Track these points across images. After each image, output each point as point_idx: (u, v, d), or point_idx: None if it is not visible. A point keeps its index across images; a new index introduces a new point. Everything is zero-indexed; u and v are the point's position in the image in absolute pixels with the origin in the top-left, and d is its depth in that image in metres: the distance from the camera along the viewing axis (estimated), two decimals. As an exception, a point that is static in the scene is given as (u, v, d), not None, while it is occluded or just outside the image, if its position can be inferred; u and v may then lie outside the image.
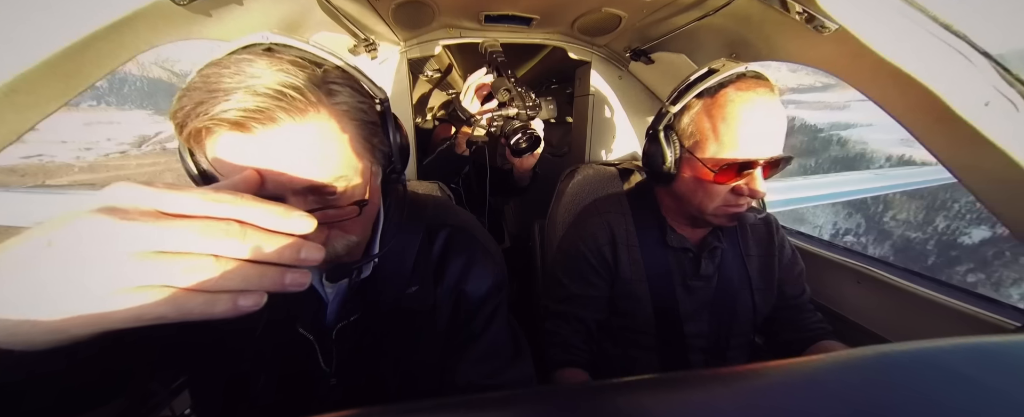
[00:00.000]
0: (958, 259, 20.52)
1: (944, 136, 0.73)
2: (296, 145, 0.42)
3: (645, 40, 1.25)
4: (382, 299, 0.60)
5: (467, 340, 0.63)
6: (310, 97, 0.42)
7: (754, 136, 0.74)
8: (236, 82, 0.40)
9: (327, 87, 0.45)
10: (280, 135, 0.41)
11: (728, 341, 0.93)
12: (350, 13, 1.06)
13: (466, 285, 0.64)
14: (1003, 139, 0.65)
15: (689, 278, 0.91)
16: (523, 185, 1.36)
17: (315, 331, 0.58)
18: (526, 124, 1.03)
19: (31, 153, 29.30)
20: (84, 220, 0.27)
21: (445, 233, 0.66)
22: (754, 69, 0.77)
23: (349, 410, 0.26)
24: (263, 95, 0.39)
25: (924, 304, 0.90)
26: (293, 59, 0.44)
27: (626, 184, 1.11)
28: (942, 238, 22.42)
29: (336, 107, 0.46)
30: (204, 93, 0.40)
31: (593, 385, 0.29)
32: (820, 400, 0.27)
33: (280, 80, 0.41)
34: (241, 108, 0.39)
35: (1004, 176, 0.68)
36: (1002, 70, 0.65)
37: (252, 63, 0.41)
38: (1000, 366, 0.30)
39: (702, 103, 0.77)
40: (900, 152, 42.99)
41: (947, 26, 0.66)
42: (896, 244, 22.94)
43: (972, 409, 0.26)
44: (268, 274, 0.30)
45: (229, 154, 0.42)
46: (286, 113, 0.41)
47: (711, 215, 0.82)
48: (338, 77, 0.47)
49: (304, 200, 0.46)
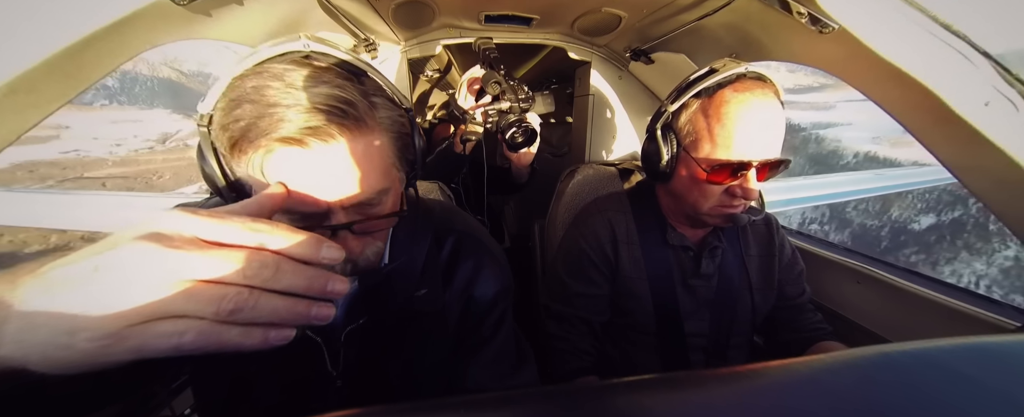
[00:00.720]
0: (905, 243, 24.82)
1: (944, 136, 0.73)
2: (349, 160, 0.44)
3: (645, 40, 1.25)
4: (392, 302, 0.60)
5: (477, 344, 0.64)
6: (360, 111, 0.43)
7: (749, 137, 0.74)
8: (291, 98, 0.40)
9: (370, 100, 0.46)
10: (335, 151, 0.42)
11: (728, 340, 0.93)
12: (350, 13, 1.06)
13: (475, 289, 0.65)
14: (1003, 139, 0.65)
15: (689, 277, 0.91)
16: (521, 182, 1.35)
17: (323, 334, 0.58)
18: (521, 118, 1.02)
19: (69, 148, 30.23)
20: (128, 247, 0.27)
21: (453, 238, 0.67)
22: (755, 70, 0.76)
23: (351, 410, 0.26)
24: (320, 111, 0.40)
25: (924, 304, 0.90)
26: (336, 70, 0.45)
27: (626, 184, 1.11)
28: (895, 225, 26.46)
29: (379, 122, 0.47)
30: (261, 108, 0.40)
31: (593, 385, 0.29)
32: (820, 400, 0.27)
33: (334, 95, 0.41)
34: (302, 125, 0.40)
35: (1004, 176, 0.68)
36: (1002, 70, 0.65)
37: (299, 75, 0.42)
38: (1000, 366, 0.30)
39: (700, 103, 0.78)
40: (867, 149, 47.05)
41: (947, 26, 0.66)
42: (855, 231, 26.31)
43: (972, 409, 0.26)
44: (297, 308, 0.31)
45: (286, 168, 0.42)
46: (341, 130, 0.42)
47: (706, 215, 0.82)
48: (376, 89, 0.48)
49: (350, 213, 0.47)
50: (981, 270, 22.07)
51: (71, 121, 5.91)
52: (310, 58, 0.45)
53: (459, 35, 1.34)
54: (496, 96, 1.02)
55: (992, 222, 20.25)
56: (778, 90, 0.76)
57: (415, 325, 0.61)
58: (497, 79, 1.02)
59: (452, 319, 0.64)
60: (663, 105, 0.84)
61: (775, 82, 0.76)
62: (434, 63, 1.91)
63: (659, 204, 0.94)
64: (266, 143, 0.41)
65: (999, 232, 21.30)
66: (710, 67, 0.79)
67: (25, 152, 28.06)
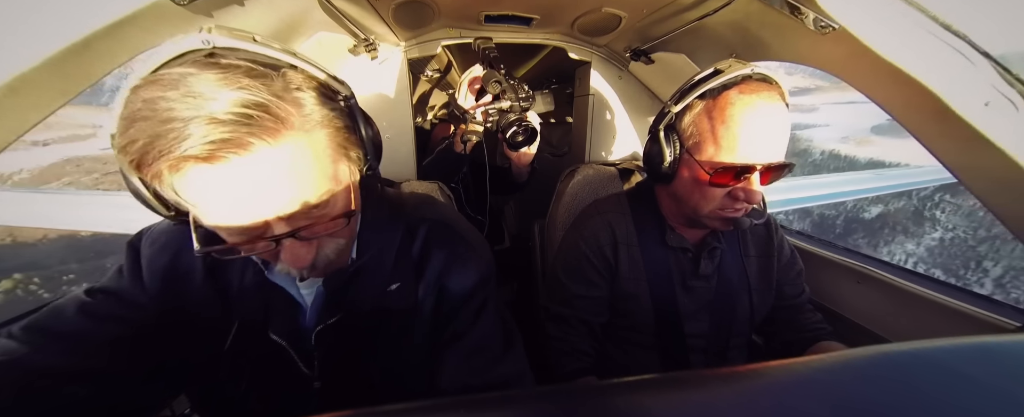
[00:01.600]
0: (856, 229, 29.31)
1: (944, 136, 0.73)
2: (273, 169, 0.39)
3: (645, 40, 1.25)
4: (363, 299, 0.58)
5: (454, 337, 0.60)
6: (279, 113, 0.38)
7: (753, 141, 0.73)
8: (191, 109, 0.35)
9: (292, 96, 0.41)
10: (254, 161, 0.38)
11: (727, 341, 0.93)
12: (350, 13, 1.06)
13: (448, 280, 0.61)
14: (1003, 139, 0.65)
15: (688, 278, 0.91)
16: (521, 181, 1.35)
17: (290, 336, 0.57)
18: (521, 117, 1.02)
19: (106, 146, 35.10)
20: None
21: (425, 228, 0.64)
22: (761, 71, 0.76)
23: (346, 411, 0.26)
24: (228, 122, 0.35)
25: (924, 304, 0.90)
26: (246, 67, 0.39)
27: (626, 184, 1.11)
28: (848, 215, 30.72)
29: (306, 119, 0.42)
30: (156, 125, 0.35)
31: (593, 385, 0.29)
32: (820, 400, 0.27)
33: (241, 100, 0.36)
34: (207, 141, 0.35)
35: (1004, 176, 0.68)
36: (1002, 70, 0.65)
37: (200, 79, 0.36)
38: (1000, 366, 0.30)
39: (704, 104, 0.77)
40: (833, 148, 52.00)
41: (947, 26, 0.66)
42: (814, 220, 30.08)
43: (972, 408, 0.26)
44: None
45: (202, 188, 0.38)
46: (257, 137, 0.37)
47: (706, 217, 0.82)
48: (300, 81, 0.43)
49: (292, 220, 0.43)
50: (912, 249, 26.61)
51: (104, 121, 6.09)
52: (214, 56, 0.39)
53: (459, 35, 1.34)
54: (497, 95, 1.03)
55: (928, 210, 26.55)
56: (784, 92, 0.76)
57: (389, 321, 0.59)
58: (497, 78, 1.02)
59: (426, 313, 0.61)
60: (666, 106, 0.84)
61: (780, 84, 0.75)
62: (434, 63, 1.91)
63: (659, 205, 0.94)
64: (171, 162, 0.36)
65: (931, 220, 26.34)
66: (715, 67, 0.78)
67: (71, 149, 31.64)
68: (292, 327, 0.58)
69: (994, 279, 21.74)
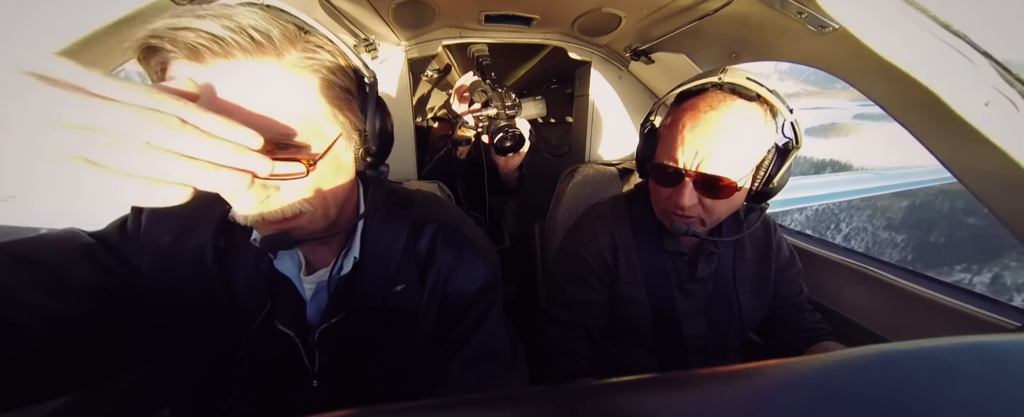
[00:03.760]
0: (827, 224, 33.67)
1: (944, 136, 0.73)
2: (248, 84, 0.40)
3: (645, 40, 1.25)
4: (367, 299, 0.57)
5: (457, 342, 0.60)
6: (275, 42, 0.41)
7: (685, 148, 0.72)
8: (213, 12, 0.39)
9: (303, 43, 0.44)
10: (233, 70, 0.39)
11: (726, 343, 0.93)
12: (350, 13, 1.06)
13: (454, 283, 0.60)
14: (1003, 139, 0.65)
15: (685, 281, 0.91)
16: (510, 187, 1.36)
17: (296, 329, 0.56)
18: (510, 123, 1.04)
19: None
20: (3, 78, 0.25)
21: (432, 228, 0.63)
22: (739, 83, 0.72)
23: (347, 410, 0.26)
24: (228, 28, 0.38)
25: (924, 304, 0.90)
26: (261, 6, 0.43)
27: (626, 184, 1.11)
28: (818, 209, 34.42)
29: (307, 60, 0.44)
30: (171, 21, 0.38)
31: (592, 385, 0.29)
32: (819, 400, 0.27)
33: (251, 23, 0.40)
34: (201, 31, 0.37)
35: (1004, 176, 0.68)
36: (1002, 70, 0.65)
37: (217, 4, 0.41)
38: (1000, 366, 0.30)
39: (675, 106, 0.79)
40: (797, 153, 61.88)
41: (947, 26, 0.66)
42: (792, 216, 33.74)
43: (972, 409, 0.26)
44: (201, 170, 0.29)
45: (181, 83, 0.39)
46: (243, 51, 0.39)
47: (660, 214, 0.85)
48: (322, 41, 0.46)
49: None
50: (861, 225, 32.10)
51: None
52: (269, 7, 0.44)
53: (459, 35, 1.34)
54: (484, 103, 1.05)
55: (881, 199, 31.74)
56: (767, 109, 0.72)
57: (393, 323, 0.58)
58: (483, 88, 1.05)
59: (430, 315, 0.60)
60: (654, 105, 0.87)
61: (768, 99, 0.71)
62: (434, 63, 1.91)
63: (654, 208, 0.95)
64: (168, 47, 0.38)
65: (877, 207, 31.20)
66: (705, 73, 0.78)
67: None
68: (297, 321, 0.57)
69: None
